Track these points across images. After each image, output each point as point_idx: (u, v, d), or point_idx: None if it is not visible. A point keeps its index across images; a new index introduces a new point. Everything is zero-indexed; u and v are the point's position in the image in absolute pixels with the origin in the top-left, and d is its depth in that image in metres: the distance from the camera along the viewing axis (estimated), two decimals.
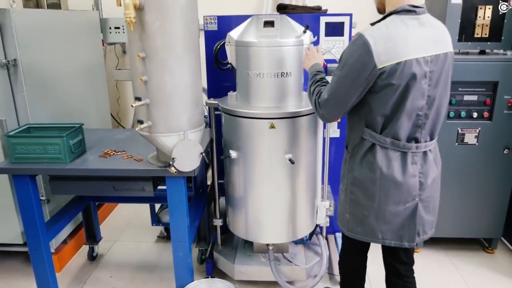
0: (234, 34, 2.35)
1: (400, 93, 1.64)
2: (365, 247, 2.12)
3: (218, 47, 2.51)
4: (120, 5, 1.83)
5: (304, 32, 2.28)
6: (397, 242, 1.84)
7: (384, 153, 1.74)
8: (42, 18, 2.78)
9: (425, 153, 1.78)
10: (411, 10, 1.64)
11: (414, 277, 2.08)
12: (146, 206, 3.18)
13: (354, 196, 1.86)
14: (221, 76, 2.81)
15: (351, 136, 1.87)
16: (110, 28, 3.60)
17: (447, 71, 1.73)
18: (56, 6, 3.40)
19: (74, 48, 3.13)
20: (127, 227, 3.59)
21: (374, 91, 1.66)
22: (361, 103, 1.72)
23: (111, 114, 3.92)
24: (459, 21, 2.73)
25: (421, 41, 1.64)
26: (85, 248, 3.16)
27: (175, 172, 2.02)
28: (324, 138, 2.58)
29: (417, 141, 1.74)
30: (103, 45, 3.67)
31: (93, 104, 3.43)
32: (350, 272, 2.23)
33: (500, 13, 2.70)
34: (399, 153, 1.74)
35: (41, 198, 2.65)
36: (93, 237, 3.06)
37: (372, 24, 1.71)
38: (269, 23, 2.29)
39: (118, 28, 3.61)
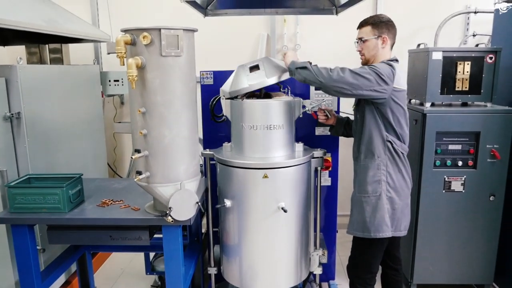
0: (226, 87, 2.49)
1: (404, 113, 2.32)
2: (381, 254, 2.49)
3: (214, 102, 2.64)
4: (124, 65, 1.96)
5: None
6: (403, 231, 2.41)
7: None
8: (45, 73, 2.92)
9: None
10: (397, 60, 2.37)
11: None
12: (141, 254, 3.19)
13: (390, 194, 2.33)
14: (216, 127, 2.94)
15: (381, 145, 2.32)
16: (109, 80, 3.76)
17: None
18: (59, 60, 3.57)
19: (75, 100, 3.26)
20: (122, 275, 3.57)
21: (392, 108, 2.25)
22: (390, 117, 2.27)
23: (108, 163, 4.00)
24: (441, 75, 2.90)
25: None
26: None
27: (172, 221, 2.08)
28: (316, 187, 2.67)
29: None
30: (102, 96, 3.81)
31: (91, 153, 3.52)
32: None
33: (478, 69, 2.89)
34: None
35: (37, 247, 2.67)
36: (87, 287, 3.05)
37: None
38: (254, 67, 2.43)
39: (117, 80, 3.76)
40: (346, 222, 2.52)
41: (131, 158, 2.08)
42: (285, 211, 2.33)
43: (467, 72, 2.91)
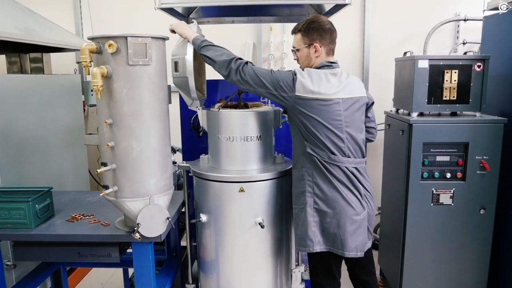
0: (187, 101, 2.40)
1: (322, 125, 2.09)
2: (335, 269, 2.27)
3: (198, 120, 2.53)
4: (89, 74, 1.88)
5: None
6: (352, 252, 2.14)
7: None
8: (20, 83, 2.84)
9: None
10: (329, 65, 2.21)
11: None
12: (121, 269, 3.08)
13: (318, 206, 2.15)
14: (197, 138, 2.84)
15: (303, 155, 2.18)
16: (92, 90, 3.67)
17: (358, 112, 2.22)
18: (40, 70, 3.49)
19: (54, 110, 3.18)
20: None
21: (300, 117, 2.11)
22: (302, 127, 2.12)
23: (91, 174, 3.90)
24: (427, 84, 2.81)
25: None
26: None
27: (139, 238, 1.98)
28: None
29: None
30: (84, 106, 3.73)
31: (71, 165, 3.43)
32: None
33: (466, 77, 2.80)
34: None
35: (7, 263, 2.59)
36: None
37: None
38: (175, 66, 2.31)
39: None
40: None
41: (96, 172, 1.98)
42: (262, 226, 2.23)
43: (455, 81, 2.81)
